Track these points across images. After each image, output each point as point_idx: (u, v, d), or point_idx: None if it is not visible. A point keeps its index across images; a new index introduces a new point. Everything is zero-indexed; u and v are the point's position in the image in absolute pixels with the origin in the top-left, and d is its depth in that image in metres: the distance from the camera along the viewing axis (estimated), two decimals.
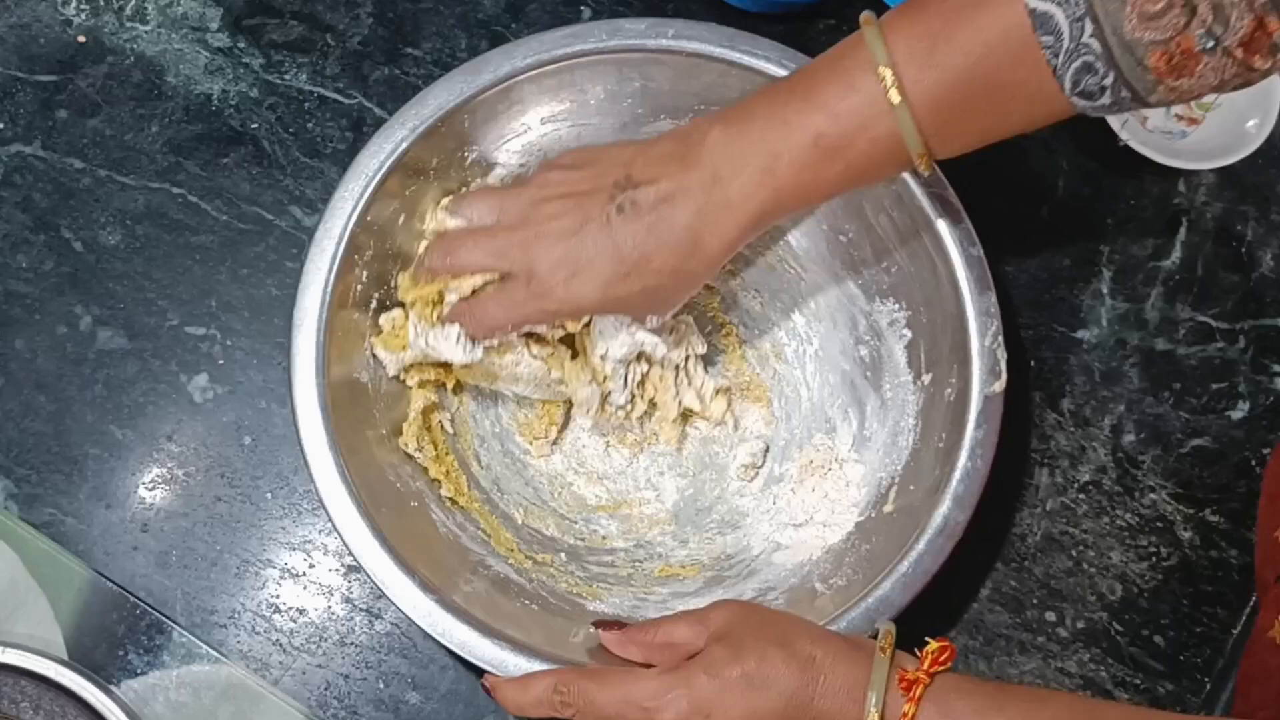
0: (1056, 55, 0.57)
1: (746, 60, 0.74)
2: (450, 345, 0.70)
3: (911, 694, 0.57)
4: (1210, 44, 0.55)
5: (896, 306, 0.76)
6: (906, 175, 0.72)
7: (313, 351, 0.70)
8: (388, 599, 0.67)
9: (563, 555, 0.76)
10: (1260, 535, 0.75)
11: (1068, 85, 0.58)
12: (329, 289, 0.71)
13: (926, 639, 0.58)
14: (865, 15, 0.62)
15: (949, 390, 0.72)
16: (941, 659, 0.58)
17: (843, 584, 0.71)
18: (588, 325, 0.74)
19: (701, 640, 0.61)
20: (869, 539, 0.73)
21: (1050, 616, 0.78)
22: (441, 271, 0.70)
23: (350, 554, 0.67)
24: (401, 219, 0.74)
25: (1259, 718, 0.66)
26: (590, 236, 0.65)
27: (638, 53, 0.74)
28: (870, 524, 0.74)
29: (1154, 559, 0.80)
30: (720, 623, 0.61)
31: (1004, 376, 0.70)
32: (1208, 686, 0.78)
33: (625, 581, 0.75)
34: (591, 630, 0.66)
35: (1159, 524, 0.80)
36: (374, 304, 0.74)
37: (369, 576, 0.67)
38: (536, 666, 0.65)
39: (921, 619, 0.61)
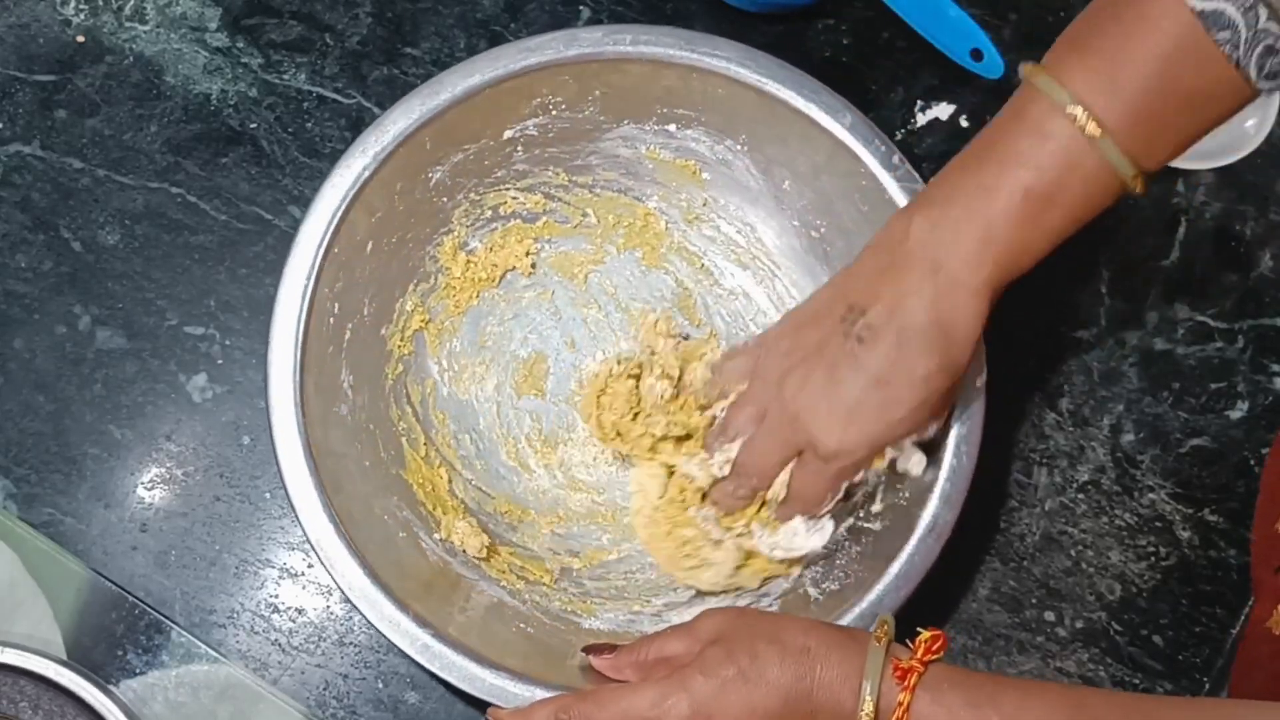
0: (1236, 48, 0.58)
1: (707, 63, 0.73)
2: (804, 538, 0.70)
3: (906, 683, 0.57)
4: None
5: None
6: (875, 167, 0.72)
7: (290, 389, 0.69)
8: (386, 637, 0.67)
9: (555, 572, 0.76)
10: (1258, 530, 0.75)
11: (1253, 72, 0.59)
12: (303, 319, 0.70)
13: (918, 629, 0.58)
14: (1025, 65, 0.63)
15: None
16: (934, 648, 0.58)
17: (835, 588, 0.71)
18: None
19: (695, 650, 0.61)
20: (859, 540, 0.72)
21: (1049, 616, 0.78)
22: (753, 492, 0.70)
23: (342, 592, 0.67)
24: (369, 246, 0.74)
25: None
26: (844, 379, 0.65)
27: (595, 61, 0.74)
28: (859, 525, 0.73)
29: (1153, 559, 0.80)
30: (710, 629, 0.61)
31: (984, 371, 0.70)
32: (1206, 686, 0.77)
33: (619, 595, 0.75)
34: (583, 656, 0.66)
35: (1158, 524, 0.80)
36: (348, 334, 0.74)
37: (364, 617, 0.67)
38: (537, 693, 0.65)
39: (920, 619, 0.60)
